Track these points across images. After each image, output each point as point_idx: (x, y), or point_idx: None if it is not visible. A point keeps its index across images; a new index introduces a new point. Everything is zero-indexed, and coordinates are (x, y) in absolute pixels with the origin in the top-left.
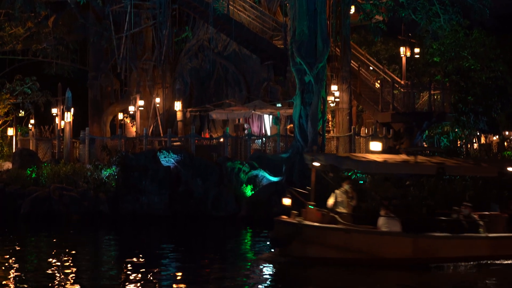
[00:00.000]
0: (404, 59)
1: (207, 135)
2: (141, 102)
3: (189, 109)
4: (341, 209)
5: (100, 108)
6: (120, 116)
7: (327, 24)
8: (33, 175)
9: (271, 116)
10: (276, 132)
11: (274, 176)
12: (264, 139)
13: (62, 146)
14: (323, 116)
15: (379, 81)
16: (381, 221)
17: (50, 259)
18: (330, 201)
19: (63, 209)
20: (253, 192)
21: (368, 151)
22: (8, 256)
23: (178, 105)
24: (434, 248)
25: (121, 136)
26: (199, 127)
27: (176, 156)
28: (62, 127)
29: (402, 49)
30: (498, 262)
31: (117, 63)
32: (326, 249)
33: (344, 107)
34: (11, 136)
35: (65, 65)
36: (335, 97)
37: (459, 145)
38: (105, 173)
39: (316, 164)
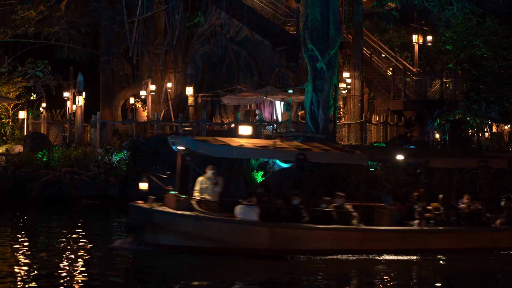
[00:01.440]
0: (416, 47)
1: (218, 121)
2: (152, 87)
3: (200, 94)
4: (206, 196)
5: (112, 92)
6: (132, 100)
7: (340, 10)
8: (44, 159)
9: (282, 102)
10: (287, 118)
11: (285, 162)
12: (275, 125)
13: (73, 130)
14: (335, 103)
15: (391, 69)
16: (237, 209)
17: (60, 242)
18: (196, 187)
19: (74, 192)
20: (263, 178)
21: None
22: (17, 239)
23: (189, 90)
24: (294, 239)
25: (132, 120)
26: (210, 112)
27: None
28: (74, 111)
29: (414, 37)
30: (367, 256)
31: (129, 47)
32: (178, 237)
33: (356, 94)
34: (23, 119)
35: (77, 49)
36: (347, 84)
37: (470, 133)
38: (116, 157)
39: (180, 147)
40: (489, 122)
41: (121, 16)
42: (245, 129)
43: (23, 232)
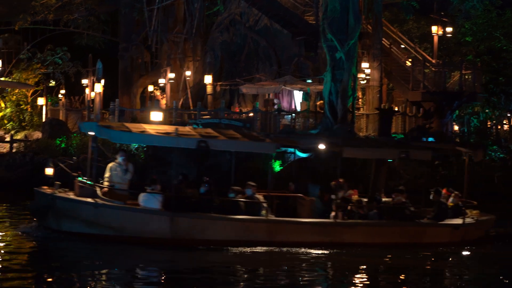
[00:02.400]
0: (435, 38)
1: (237, 110)
2: (171, 75)
3: (219, 83)
4: (116, 183)
5: (130, 80)
6: (150, 88)
7: (359, 0)
8: (62, 145)
9: (301, 92)
10: (305, 108)
11: (303, 152)
12: (293, 114)
13: (91, 117)
14: (353, 93)
15: (410, 60)
16: (140, 197)
17: None
18: (106, 174)
19: None
20: (281, 167)
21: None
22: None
23: (208, 79)
24: (197, 229)
25: (151, 108)
26: (228, 101)
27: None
28: (92, 98)
29: (434, 28)
30: (279, 249)
31: (148, 35)
32: (78, 224)
33: (375, 85)
34: (41, 106)
35: (96, 36)
36: (366, 75)
37: (489, 125)
38: (134, 144)
39: (91, 133)
40: (508, 115)
41: (141, 3)
42: (156, 115)
43: None
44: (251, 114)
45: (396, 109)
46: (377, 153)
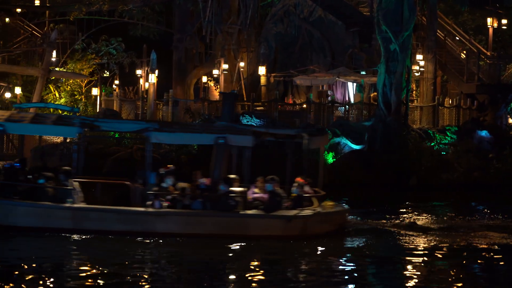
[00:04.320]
0: (491, 30)
1: (290, 101)
2: (225, 66)
3: (273, 74)
4: None
5: (184, 71)
6: (204, 79)
7: None
8: (116, 135)
9: (355, 84)
10: (359, 100)
11: (356, 144)
12: (347, 106)
13: (145, 108)
14: (407, 85)
15: (464, 52)
16: None
17: None
18: None
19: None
20: (334, 159)
21: None
22: None
23: (262, 70)
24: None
25: (204, 99)
26: (282, 92)
27: (258, 120)
28: (146, 89)
29: (489, 20)
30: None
31: (202, 26)
32: None
33: (429, 77)
34: (96, 96)
35: (150, 27)
36: (420, 67)
37: None
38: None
39: None
40: None
41: None
42: None
43: None
44: (304, 106)
45: (450, 101)
46: (188, 138)
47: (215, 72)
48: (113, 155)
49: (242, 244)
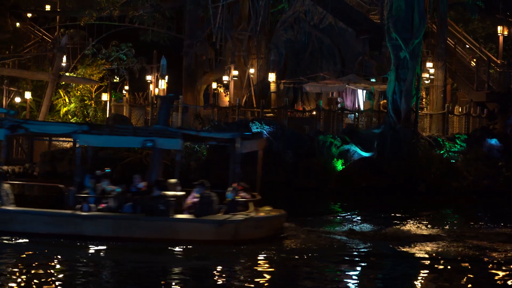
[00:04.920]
0: (501, 38)
1: (300, 108)
2: (235, 72)
3: (283, 81)
4: None
5: (194, 77)
6: (214, 85)
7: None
8: None
9: (364, 91)
10: (369, 107)
11: (366, 151)
12: (357, 113)
13: (155, 113)
14: (417, 92)
15: (475, 60)
16: None
17: None
18: None
19: None
20: (343, 166)
21: None
22: None
23: (272, 77)
24: None
25: (214, 105)
26: (292, 99)
27: (268, 127)
28: (156, 94)
29: (499, 28)
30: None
31: (212, 32)
32: None
33: (439, 85)
34: (105, 102)
35: (160, 33)
36: (430, 74)
37: None
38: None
39: None
40: None
41: (205, 0)
42: None
43: None
44: (314, 113)
45: (460, 109)
46: (116, 141)
47: (225, 78)
48: (123, 161)
49: (171, 248)
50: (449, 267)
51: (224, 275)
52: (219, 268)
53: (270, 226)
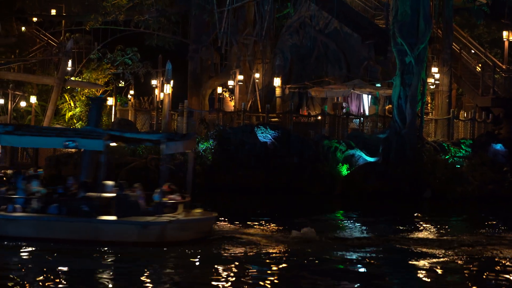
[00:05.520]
0: (506, 44)
1: (305, 113)
2: (240, 77)
3: (288, 86)
4: None
5: (199, 81)
6: (219, 90)
7: (430, 4)
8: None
9: (370, 96)
10: (374, 112)
11: (371, 156)
12: (362, 118)
13: (160, 118)
14: (422, 98)
15: (480, 65)
16: None
17: None
18: None
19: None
20: (348, 171)
21: None
22: None
23: (277, 81)
24: None
25: (219, 110)
26: (297, 104)
27: (273, 132)
28: (161, 99)
29: (505, 33)
30: None
31: (218, 37)
32: None
33: (444, 90)
34: (111, 106)
35: (166, 37)
36: (435, 79)
37: None
38: (202, 146)
39: None
40: None
41: (211, 5)
42: None
43: None
44: (319, 117)
45: (465, 114)
46: (38, 142)
47: (230, 83)
48: (128, 165)
49: (93, 250)
50: (453, 273)
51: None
52: (138, 270)
53: (198, 228)
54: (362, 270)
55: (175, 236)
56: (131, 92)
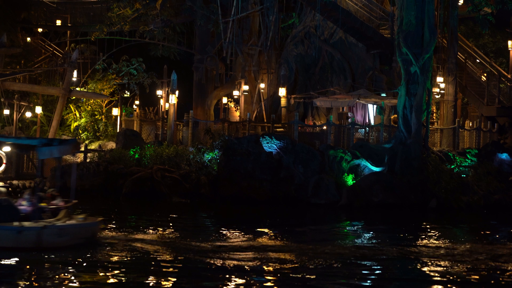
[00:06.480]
0: (511, 53)
1: (311, 123)
2: (245, 87)
3: (293, 96)
4: None
5: (205, 92)
6: (224, 100)
7: (435, 14)
8: (136, 156)
9: (375, 106)
10: (379, 122)
11: (376, 166)
12: (367, 128)
13: (165, 128)
14: (428, 107)
15: (485, 74)
16: None
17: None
18: None
19: (165, 190)
20: (354, 181)
21: None
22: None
23: (282, 91)
24: None
25: (224, 120)
26: (302, 114)
27: (278, 142)
28: (167, 109)
29: (510, 43)
30: None
31: (223, 47)
32: None
33: (449, 99)
34: (116, 116)
35: (171, 48)
36: (440, 89)
37: None
38: (208, 156)
39: None
40: None
41: (216, 15)
42: None
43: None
44: (324, 127)
45: (471, 124)
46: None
47: (236, 93)
48: (133, 175)
49: None
50: (460, 283)
51: None
52: None
53: (78, 234)
54: (366, 277)
55: (52, 242)
56: (137, 102)
